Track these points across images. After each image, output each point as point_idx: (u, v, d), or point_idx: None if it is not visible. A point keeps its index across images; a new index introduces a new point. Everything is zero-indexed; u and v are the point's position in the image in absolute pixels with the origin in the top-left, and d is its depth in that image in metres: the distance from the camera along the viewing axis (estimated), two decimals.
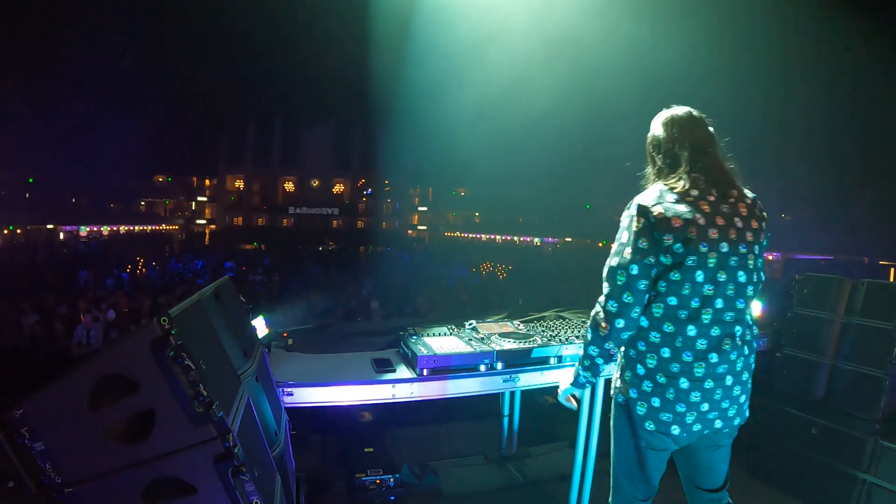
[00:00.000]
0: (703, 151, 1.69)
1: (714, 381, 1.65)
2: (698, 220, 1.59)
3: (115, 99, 29.67)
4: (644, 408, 1.70)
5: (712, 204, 1.63)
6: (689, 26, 11.10)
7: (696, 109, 1.77)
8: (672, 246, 1.58)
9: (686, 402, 1.65)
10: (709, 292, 1.61)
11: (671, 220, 1.59)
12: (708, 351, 1.63)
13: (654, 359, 1.67)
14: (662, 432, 1.69)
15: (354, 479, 2.96)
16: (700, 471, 1.87)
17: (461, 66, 12.64)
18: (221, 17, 27.34)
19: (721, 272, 1.60)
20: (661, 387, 1.66)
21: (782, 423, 3.30)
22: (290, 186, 43.11)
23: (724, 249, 1.60)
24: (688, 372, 1.63)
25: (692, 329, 1.62)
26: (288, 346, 2.75)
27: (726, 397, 1.68)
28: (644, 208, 1.63)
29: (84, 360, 1.31)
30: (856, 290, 3.07)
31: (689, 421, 1.67)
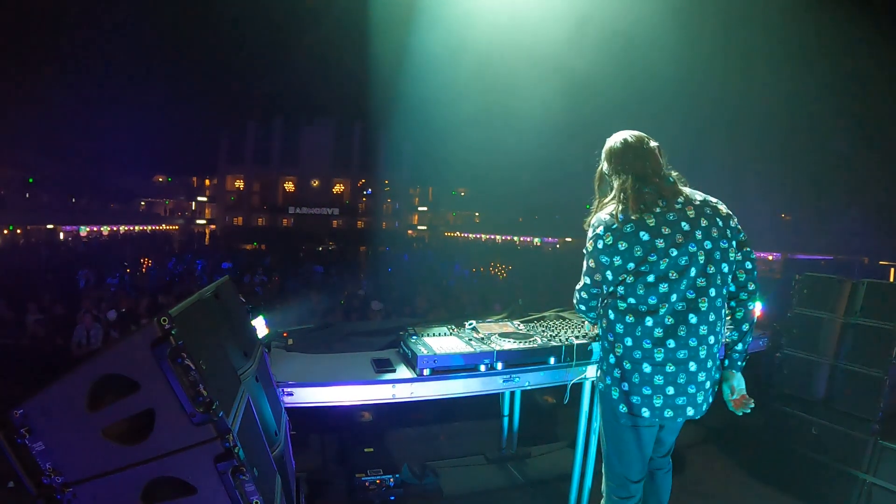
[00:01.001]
0: (644, 174, 1.92)
1: (675, 365, 1.86)
2: (644, 240, 1.84)
3: (116, 99, 29.69)
4: (617, 392, 1.94)
5: (657, 216, 1.86)
6: (691, 28, 11.11)
7: (631, 133, 1.98)
8: (623, 264, 1.86)
9: (651, 384, 1.87)
10: (663, 290, 1.83)
11: (618, 245, 1.86)
12: (665, 338, 1.85)
13: (620, 348, 1.91)
14: (634, 414, 1.91)
15: (354, 479, 2.96)
16: (658, 446, 2.11)
17: (461, 67, 12.65)
18: (222, 18, 27.35)
19: (672, 272, 1.83)
20: (627, 372, 1.90)
21: (782, 423, 3.30)
22: (290, 186, 43.11)
23: (673, 253, 1.83)
24: (649, 357, 1.86)
25: (650, 320, 1.85)
26: (288, 346, 2.75)
27: (691, 382, 1.88)
28: (595, 234, 1.93)
29: (84, 360, 1.31)
30: (856, 290, 3.07)
31: (658, 404, 1.88)
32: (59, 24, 27.40)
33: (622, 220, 1.86)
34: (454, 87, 15.34)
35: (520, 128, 23.67)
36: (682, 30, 10.97)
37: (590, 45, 9.47)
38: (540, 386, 2.60)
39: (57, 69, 28.86)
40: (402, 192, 43.66)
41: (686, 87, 13.04)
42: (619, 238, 1.85)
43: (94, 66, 29.03)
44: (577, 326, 2.92)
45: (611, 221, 1.89)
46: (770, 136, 23.58)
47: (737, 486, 3.23)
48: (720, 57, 15.00)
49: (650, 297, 1.84)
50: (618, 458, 2.03)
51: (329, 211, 41.69)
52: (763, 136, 23.77)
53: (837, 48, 18.52)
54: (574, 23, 9.13)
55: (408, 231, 42.43)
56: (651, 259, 1.82)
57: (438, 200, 45.64)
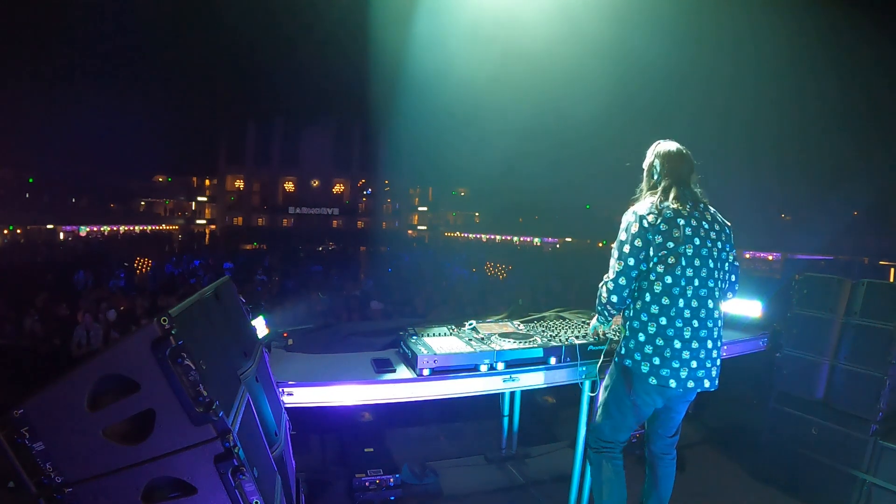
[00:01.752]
0: (683, 180, 2.25)
1: (699, 343, 2.15)
2: (681, 225, 2.14)
3: (116, 99, 29.69)
4: (647, 366, 2.15)
5: (689, 211, 2.18)
6: (691, 30, 11.11)
7: (683, 146, 2.31)
8: (664, 243, 2.12)
9: (679, 358, 2.13)
10: (689, 274, 2.13)
11: (660, 225, 2.13)
12: (692, 318, 2.13)
13: (654, 326, 2.15)
14: (663, 385, 2.14)
15: (354, 479, 2.96)
16: (664, 421, 2.37)
17: (461, 67, 12.65)
18: (222, 18, 27.35)
19: (696, 259, 2.14)
20: (660, 348, 2.14)
21: (782, 423, 3.30)
22: (290, 186, 43.11)
23: (697, 243, 2.15)
24: (679, 335, 2.13)
25: (682, 301, 2.13)
26: (288, 346, 2.75)
27: (708, 357, 2.18)
28: (640, 215, 2.17)
29: (84, 360, 1.31)
30: (856, 290, 3.07)
31: (684, 376, 2.14)
32: (59, 23, 27.41)
33: (664, 207, 2.16)
34: (454, 88, 15.34)
35: (520, 128, 23.66)
36: (683, 31, 10.97)
37: (590, 47, 9.47)
38: (540, 386, 2.61)
39: (57, 69, 28.87)
40: (402, 192, 43.68)
41: (686, 88, 13.05)
42: (661, 220, 2.13)
43: (95, 66, 29.05)
44: (577, 326, 2.92)
45: (653, 207, 2.16)
46: (770, 136, 23.59)
47: (737, 486, 3.23)
48: (721, 58, 15.01)
49: (682, 279, 2.11)
50: (614, 425, 2.30)
51: (329, 211, 41.68)
52: (763, 136, 23.77)
53: (838, 48, 18.52)
54: (574, 24, 9.12)
55: (408, 231, 42.42)
56: (682, 247, 2.11)
57: (438, 200, 45.65)
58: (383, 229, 39.82)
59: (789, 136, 22.86)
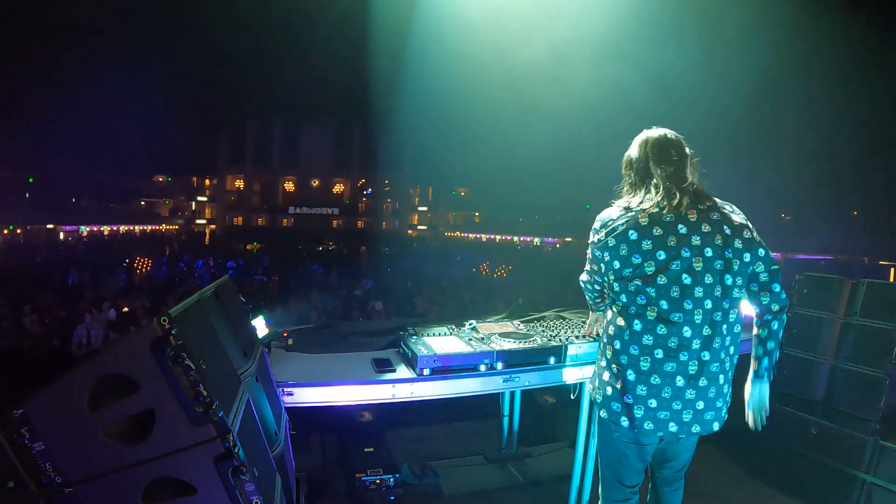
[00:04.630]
0: (667, 174, 1.79)
1: (661, 377, 1.73)
2: (641, 239, 1.74)
3: (116, 99, 29.67)
4: (601, 396, 1.87)
5: (653, 216, 1.75)
6: (692, 29, 11.12)
7: (673, 132, 1.87)
8: (612, 262, 1.80)
9: (633, 394, 1.76)
10: (651, 292, 1.73)
11: (607, 240, 1.81)
12: (653, 347, 1.73)
13: (610, 351, 1.84)
14: (613, 422, 1.81)
15: (354, 479, 2.96)
16: (668, 457, 2.00)
17: (461, 67, 12.66)
18: (222, 18, 27.35)
19: (660, 276, 1.72)
20: (613, 376, 1.81)
21: (782, 423, 3.30)
22: (290, 186, 43.11)
23: (661, 256, 1.72)
24: (634, 365, 1.76)
25: (638, 324, 1.75)
26: (288, 346, 2.75)
27: (676, 398, 1.74)
28: (596, 228, 1.87)
29: (84, 360, 1.31)
30: (856, 290, 3.07)
31: (638, 415, 1.75)
32: (59, 23, 27.40)
33: (617, 217, 1.81)
34: (454, 88, 15.34)
35: (520, 128, 23.66)
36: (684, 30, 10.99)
37: (590, 46, 9.48)
38: (540, 386, 2.60)
39: (57, 69, 28.85)
40: (402, 192, 43.69)
41: (686, 87, 13.05)
42: (610, 234, 1.80)
43: (94, 66, 29.01)
44: (577, 326, 2.92)
45: (607, 217, 1.85)
46: (770, 136, 23.59)
47: (737, 486, 3.23)
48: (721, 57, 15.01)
49: (639, 297, 1.74)
50: (609, 464, 1.97)
51: (329, 211, 41.69)
52: (763, 136, 23.77)
53: (838, 48, 18.52)
54: (574, 23, 9.13)
55: (408, 231, 42.42)
56: (634, 260, 1.74)
57: (438, 200, 45.66)
58: (383, 229, 39.82)
59: (789, 135, 22.87)
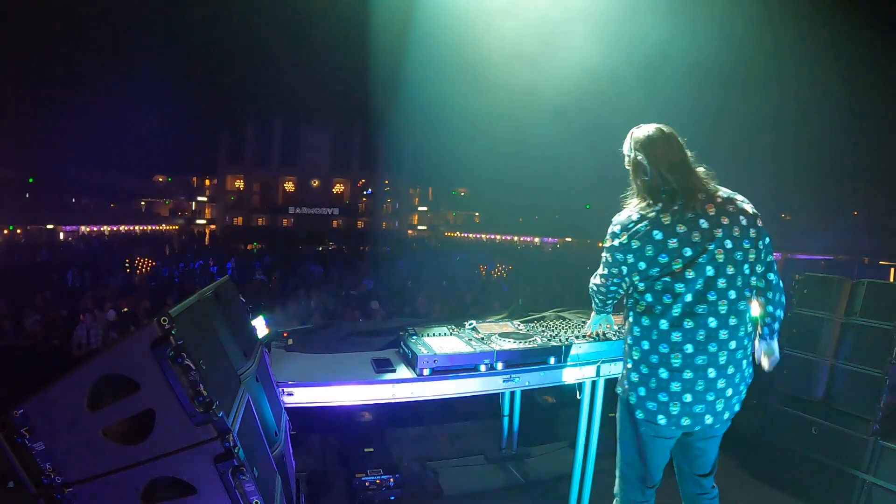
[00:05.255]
0: (677, 168, 1.83)
1: (693, 371, 1.78)
2: (667, 238, 1.77)
3: (116, 99, 29.69)
4: (634, 397, 1.87)
5: (674, 213, 1.78)
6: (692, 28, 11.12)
7: (665, 125, 1.90)
8: (637, 264, 1.81)
9: (668, 391, 1.79)
10: (679, 289, 1.76)
11: (630, 242, 1.80)
12: (682, 343, 1.77)
13: (637, 351, 1.85)
14: (650, 421, 1.84)
15: (354, 479, 2.96)
16: (692, 459, 2.01)
17: (461, 67, 12.66)
18: (222, 18, 27.36)
19: (689, 271, 1.76)
20: (644, 377, 1.84)
21: (782, 423, 3.30)
22: (290, 186, 43.10)
23: (688, 253, 1.75)
24: (665, 363, 1.79)
25: (664, 322, 1.79)
26: (288, 346, 2.75)
27: (710, 390, 1.79)
28: (616, 231, 1.86)
29: (84, 360, 1.31)
30: (856, 290, 3.07)
31: (675, 412, 1.80)
32: (59, 23, 27.42)
33: (637, 219, 1.81)
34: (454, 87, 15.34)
35: (520, 128, 23.64)
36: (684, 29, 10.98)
37: (590, 45, 9.47)
38: (540, 386, 2.60)
39: (57, 69, 28.88)
40: (402, 192, 43.67)
41: (686, 87, 13.05)
42: (633, 237, 1.80)
43: (95, 66, 29.04)
44: (577, 326, 2.92)
45: (627, 220, 1.84)
46: (770, 136, 23.59)
47: (737, 486, 3.23)
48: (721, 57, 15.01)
49: (665, 296, 1.77)
50: (631, 462, 1.97)
51: (329, 211, 41.67)
52: (763, 136, 23.77)
53: (838, 48, 18.52)
54: (574, 24, 9.13)
55: (408, 231, 42.41)
56: (662, 260, 1.76)
57: (438, 200, 45.66)
58: (383, 229, 39.81)
59: (789, 135, 22.87)
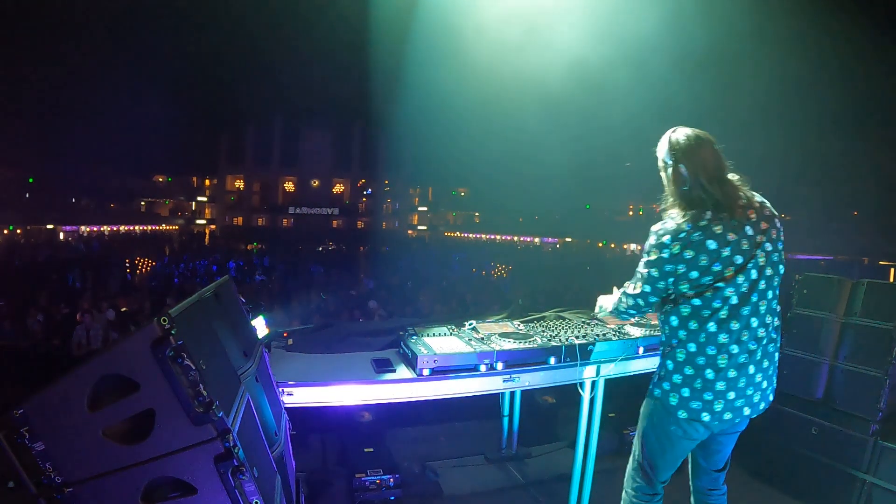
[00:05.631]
0: (715, 174, 1.84)
1: (737, 370, 1.84)
2: (711, 245, 1.78)
3: (116, 99, 29.69)
4: (676, 398, 1.90)
5: (723, 221, 1.80)
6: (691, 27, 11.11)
7: (701, 131, 1.89)
8: (688, 273, 1.81)
9: (713, 391, 1.85)
10: (729, 294, 1.81)
11: (683, 253, 1.79)
12: (728, 344, 1.82)
13: (682, 353, 1.88)
14: (694, 419, 1.88)
15: (354, 479, 2.96)
16: (711, 453, 2.08)
17: (461, 67, 12.65)
18: (222, 18, 27.36)
19: (740, 277, 1.80)
20: (689, 378, 1.87)
21: (782, 423, 3.30)
22: (290, 186, 43.10)
23: (739, 261, 1.80)
24: (712, 364, 1.83)
25: (713, 325, 1.82)
26: (288, 346, 2.75)
27: (750, 385, 1.87)
28: (665, 241, 1.82)
29: (84, 360, 1.31)
30: (856, 290, 3.07)
31: (718, 409, 1.85)
32: (59, 23, 27.41)
33: (689, 229, 1.80)
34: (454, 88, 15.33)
35: (520, 128, 23.64)
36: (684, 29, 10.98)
37: (590, 45, 9.48)
38: (540, 386, 2.61)
39: (57, 69, 28.86)
40: (402, 192, 43.68)
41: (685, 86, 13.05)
42: (686, 247, 1.79)
43: (95, 66, 29.03)
44: (577, 326, 2.93)
45: (677, 229, 1.81)
46: (770, 135, 23.59)
47: (737, 486, 3.21)
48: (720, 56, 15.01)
49: (715, 301, 1.81)
50: (652, 459, 2.01)
51: (329, 211, 41.66)
52: (763, 136, 23.77)
53: (838, 47, 18.52)
54: (574, 23, 9.13)
55: (408, 231, 42.41)
56: (715, 269, 1.79)
57: (438, 200, 45.64)
58: (383, 229, 39.81)
59: (789, 135, 22.87)
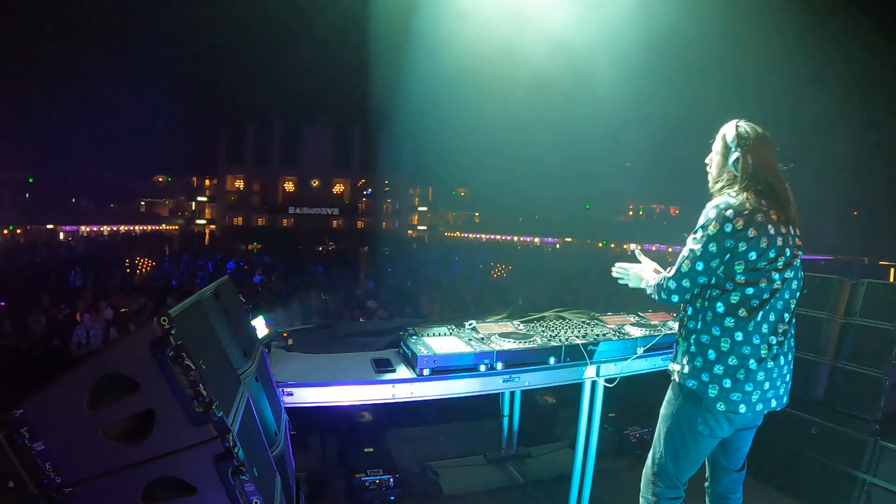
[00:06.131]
0: (774, 171, 1.91)
1: (774, 361, 1.87)
2: (776, 234, 1.81)
3: (116, 99, 29.68)
4: (715, 390, 1.86)
5: (779, 212, 1.85)
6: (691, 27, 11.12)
7: (760, 127, 1.95)
8: (747, 253, 1.79)
9: (753, 381, 1.85)
10: (776, 286, 1.83)
11: (747, 230, 1.78)
12: (770, 334, 1.85)
13: (727, 343, 1.84)
14: (732, 411, 1.85)
15: (354, 479, 2.96)
16: (731, 452, 2.06)
17: (461, 67, 12.65)
18: (222, 18, 27.36)
19: (787, 270, 1.84)
20: (732, 368, 1.84)
21: (782, 423, 3.29)
22: (290, 186, 43.07)
23: (788, 253, 1.84)
24: (755, 354, 1.84)
25: (760, 315, 1.82)
26: (288, 346, 2.75)
27: (780, 377, 1.91)
28: (728, 216, 1.80)
29: (84, 360, 1.31)
30: (856, 290, 3.07)
31: (755, 400, 1.86)
32: (59, 23, 27.42)
33: (753, 208, 1.79)
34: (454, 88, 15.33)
35: (520, 128, 23.64)
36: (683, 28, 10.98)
37: (590, 45, 9.48)
38: (540, 386, 2.61)
39: (57, 69, 28.86)
40: (402, 192, 43.63)
41: (684, 86, 13.08)
42: (750, 224, 1.77)
43: (95, 66, 29.03)
44: (577, 326, 2.93)
45: (741, 205, 1.79)
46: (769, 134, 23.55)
47: None
48: (720, 56, 15.02)
49: (765, 293, 1.81)
50: (674, 461, 1.97)
51: (329, 211, 41.64)
52: None
53: (838, 47, 18.53)
54: (575, 22, 9.13)
55: (408, 231, 42.40)
56: (771, 255, 1.80)
57: (438, 200, 45.62)
58: (383, 229, 39.80)
59: (789, 135, 22.84)
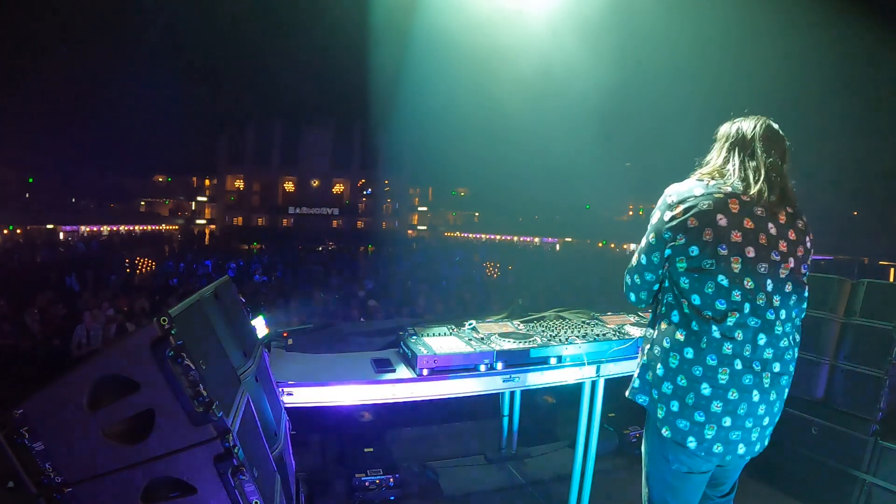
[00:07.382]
0: (773, 166, 1.61)
1: (739, 392, 1.52)
2: (730, 228, 1.50)
3: (116, 99, 29.69)
4: (663, 410, 1.59)
5: (745, 204, 1.55)
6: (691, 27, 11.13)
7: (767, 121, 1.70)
8: (688, 248, 1.53)
9: (706, 411, 1.52)
10: (736, 297, 1.51)
11: (686, 220, 1.52)
12: (733, 356, 1.51)
13: (676, 359, 1.56)
14: (678, 442, 1.56)
15: (354, 479, 2.96)
16: (717, 484, 1.86)
17: (461, 67, 12.66)
18: (222, 17, 27.36)
19: (747, 279, 1.51)
20: (681, 389, 1.55)
21: (782, 423, 3.29)
22: (290, 186, 43.09)
23: (751, 254, 1.51)
24: (710, 378, 1.52)
25: (717, 331, 1.51)
26: (288, 346, 2.75)
27: (750, 415, 1.55)
28: (670, 203, 1.57)
29: (84, 360, 1.31)
30: (856, 290, 3.07)
31: (709, 436, 1.54)
32: (59, 23, 27.43)
33: (701, 194, 1.53)
34: (454, 88, 15.35)
35: (520, 128, 23.65)
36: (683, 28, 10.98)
37: (591, 46, 9.49)
38: (540, 386, 2.61)
39: (57, 69, 28.85)
40: (402, 192, 43.65)
41: (684, 86, 13.08)
42: (689, 212, 1.51)
43: (95, 66, 29.04)
44: (577, 326, 2.92)
45: (687, 191, 1.55)
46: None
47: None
48: (720, 56, 15.02)
49: (718, 300, 1.51)
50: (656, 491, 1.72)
51: (329, 211, 41.65)
52: None
53: (838, 48, 18.52)
54: (575, 22, 9.13)
55: (408, 231, 42.41)
56: (721, 251, 1.49)
57: (438, 200, 45.65)
58: (383, 229, 39.80)
59: (788, 134, 22.82)
